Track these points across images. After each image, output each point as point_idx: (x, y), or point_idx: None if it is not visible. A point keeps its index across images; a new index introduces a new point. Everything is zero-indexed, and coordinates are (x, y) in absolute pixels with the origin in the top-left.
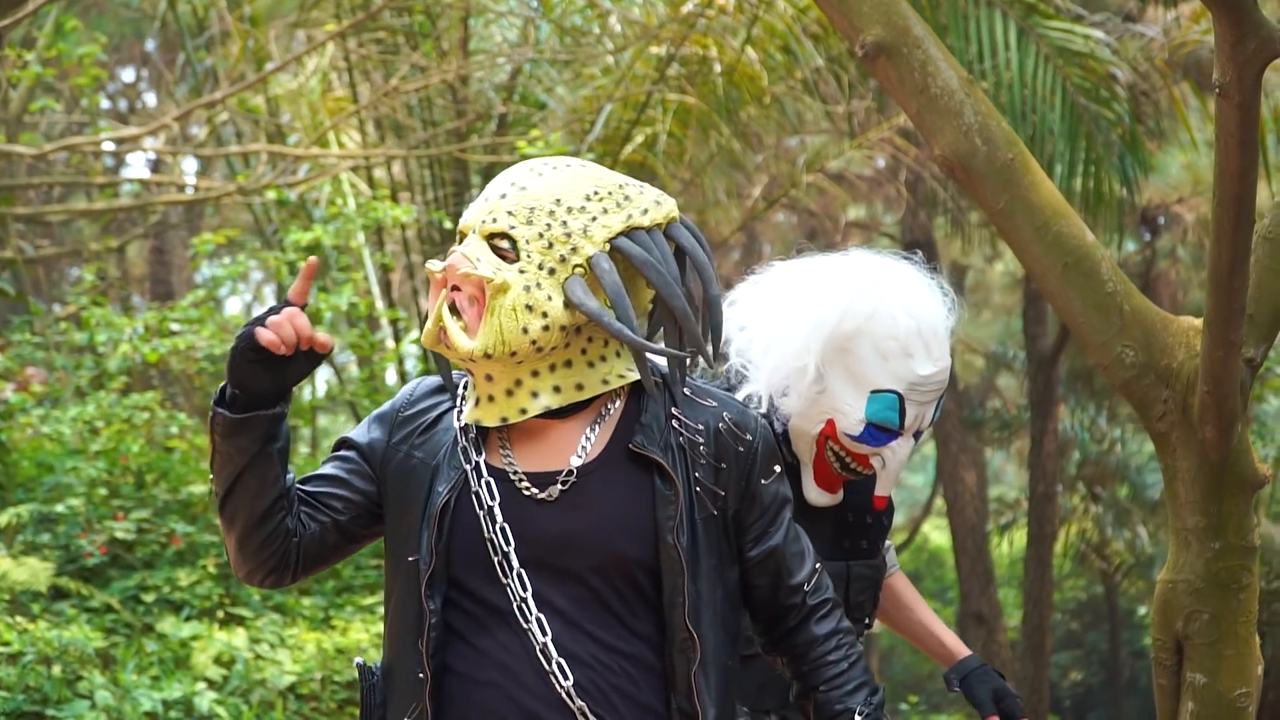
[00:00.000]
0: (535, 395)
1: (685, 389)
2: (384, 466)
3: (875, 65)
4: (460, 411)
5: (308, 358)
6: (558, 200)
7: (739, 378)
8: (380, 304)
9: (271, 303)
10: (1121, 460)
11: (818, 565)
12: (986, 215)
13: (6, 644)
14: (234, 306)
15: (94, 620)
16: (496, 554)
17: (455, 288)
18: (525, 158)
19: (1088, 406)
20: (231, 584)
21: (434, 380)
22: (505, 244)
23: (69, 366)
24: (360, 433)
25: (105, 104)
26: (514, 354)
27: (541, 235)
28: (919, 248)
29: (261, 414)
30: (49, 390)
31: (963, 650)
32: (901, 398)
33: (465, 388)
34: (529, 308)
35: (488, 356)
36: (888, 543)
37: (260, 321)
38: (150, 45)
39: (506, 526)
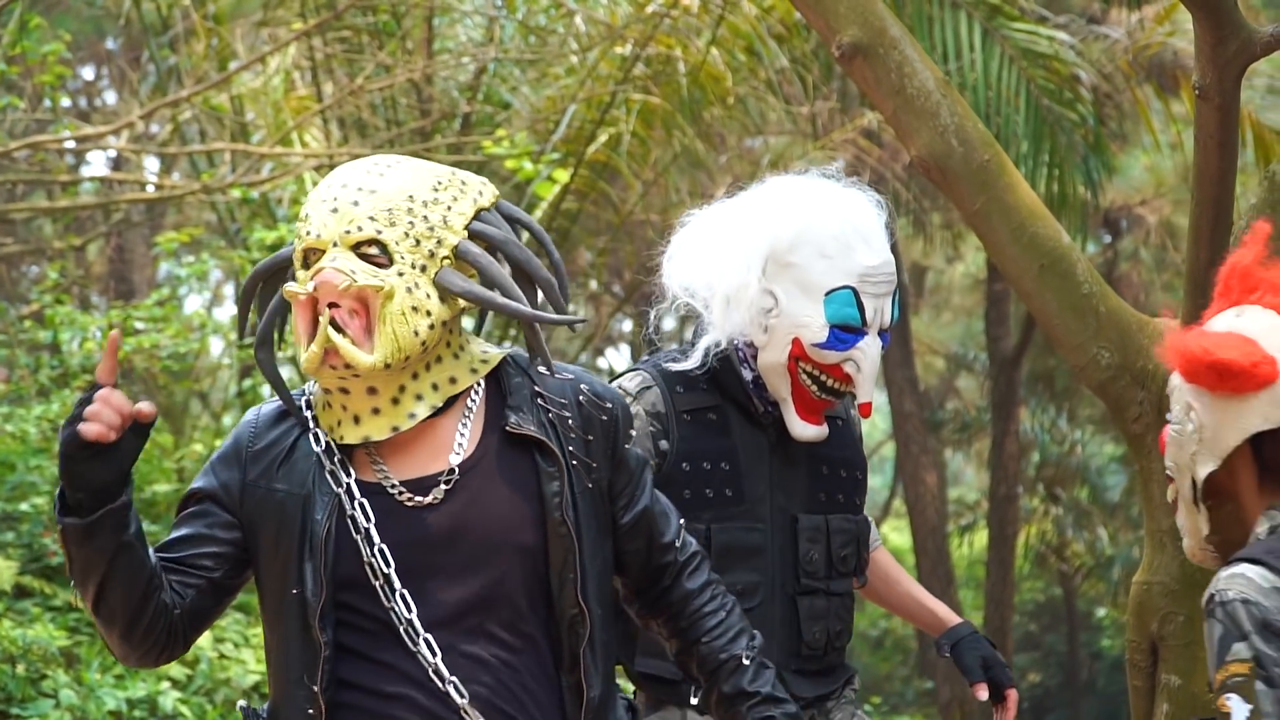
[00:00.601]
0: (419, 398)
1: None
2: (243, 507)
3: (852, 65)
4: (317, 433)
5: (134, 433)
6: (410, 197)
7: (696, 334)
8: None
9: (229, 309)
10: (1082, 462)
11: (681, 521)
12: (963, 216)
13: None
14: (194, 305)
15: (58, 619)
16: (377, 578)
17: (332, 304)
18: (492, 157)
19: (1048, 408)
20: None
21: (271, 408)
22: (374, 250)
23: (31, 365)
24: (208, 481)
25: (65, 102)
26: (407, 359)
27: (407, 234)
28: None
29: (110, 508)
30: (12, 389)
31: (954, 618)
32: (856, 291)
33: (310, 408)
34: (414, 309)
35: (387, 367)
36: (869, 518)
37: (77, 418)
38: (111, 44)
39: (385, 548)
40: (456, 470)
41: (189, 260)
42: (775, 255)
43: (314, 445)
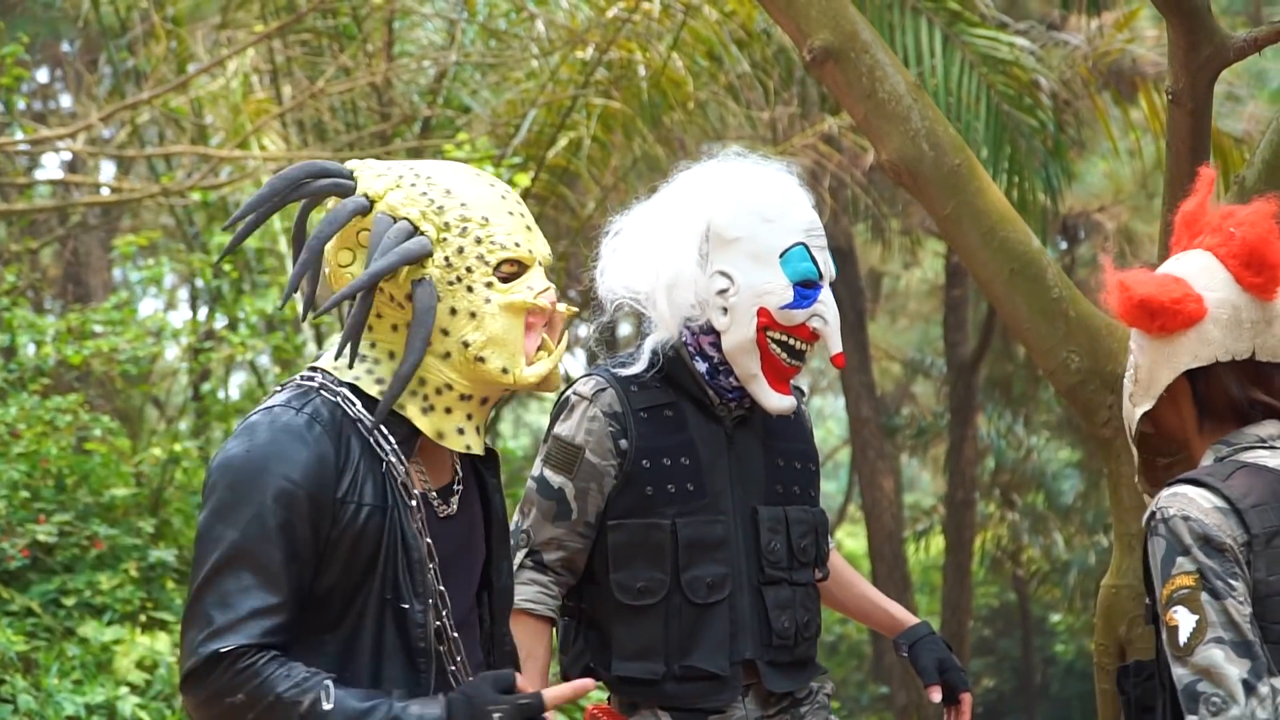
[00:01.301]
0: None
1: None
2: (332, 525)
3: (823, 70)
4: (382, 444)
5: None
6: None
7: (642, 337)
8: (301, 308)
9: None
10: (1038, 467)
11: None
12: (934, 220)
13: None
14: (147, 309)
15: (15, 624)
16: (426, 595)
17: (546, 323)
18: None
19: (1005, 414)
20: (153, 588)
21: (323, 412)
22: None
23: None
24: (288, 511)
25: (20, 105)
26: None
27: None
28: (838, 253)
29: None
30: None
31: (911, 619)
32: (807, 246)
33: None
34: None
35: None
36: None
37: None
38: (67, 46)
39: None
40: (459, 481)
41: (148, 264)
42: (715, 235)
43: (381, 453)
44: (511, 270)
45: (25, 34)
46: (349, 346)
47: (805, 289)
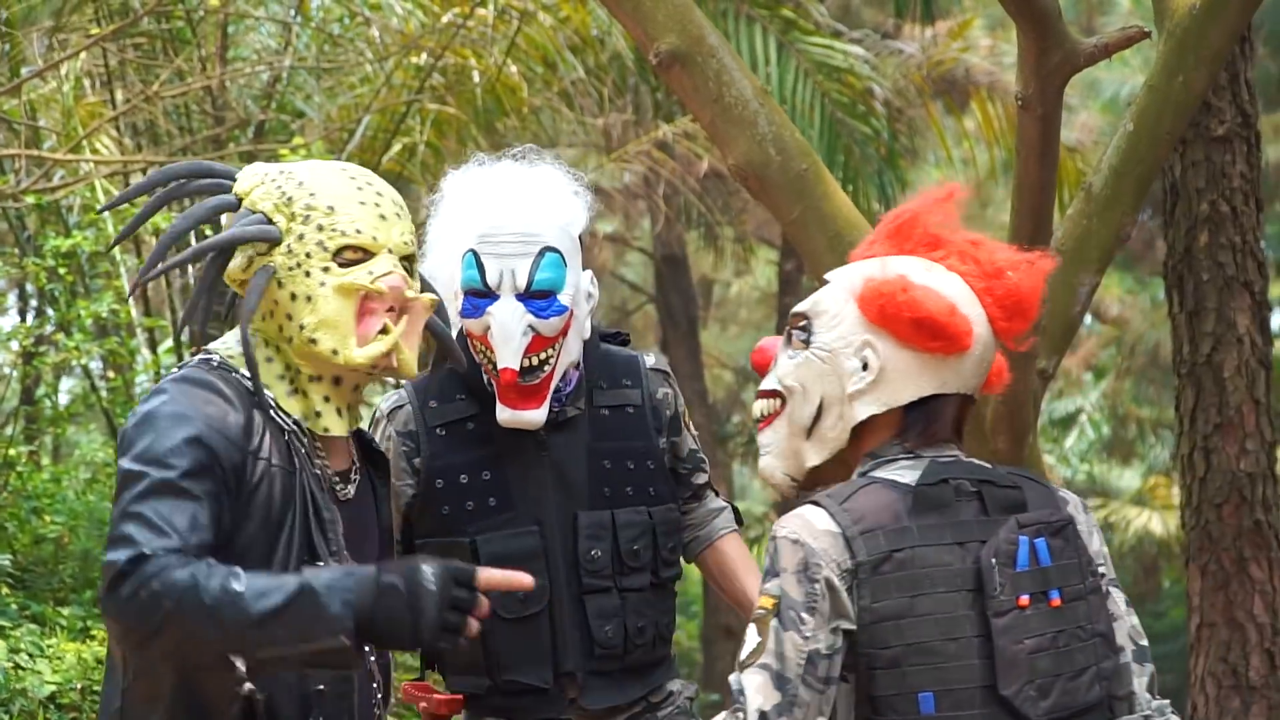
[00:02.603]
0: (356, 404)
1: None
2: (240, 477)
3: (670, 74)
4: (282, 414)
5: None
6: (412, 221)
7: None
8: (135, 312)
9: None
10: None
11: None
12: (781, 225)
13: None
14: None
15: None
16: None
17: (390, 308)
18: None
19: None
20: None
21: (209, 379)
22: (408, 266)
23: None
24: (209, 451)
25: None
26: None
27: (417, 259)
28: (671, 261)
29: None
30: None
31: None
32: (475, 253)
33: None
34: None
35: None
36: (722, 503)
37: (453, 629)
38: None
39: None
40: (356, 470)
41: None
42: (448, 237)
43: (285, 421)
44: (354, 257)
45: None
46: (194, 318)
47: (475, 298)
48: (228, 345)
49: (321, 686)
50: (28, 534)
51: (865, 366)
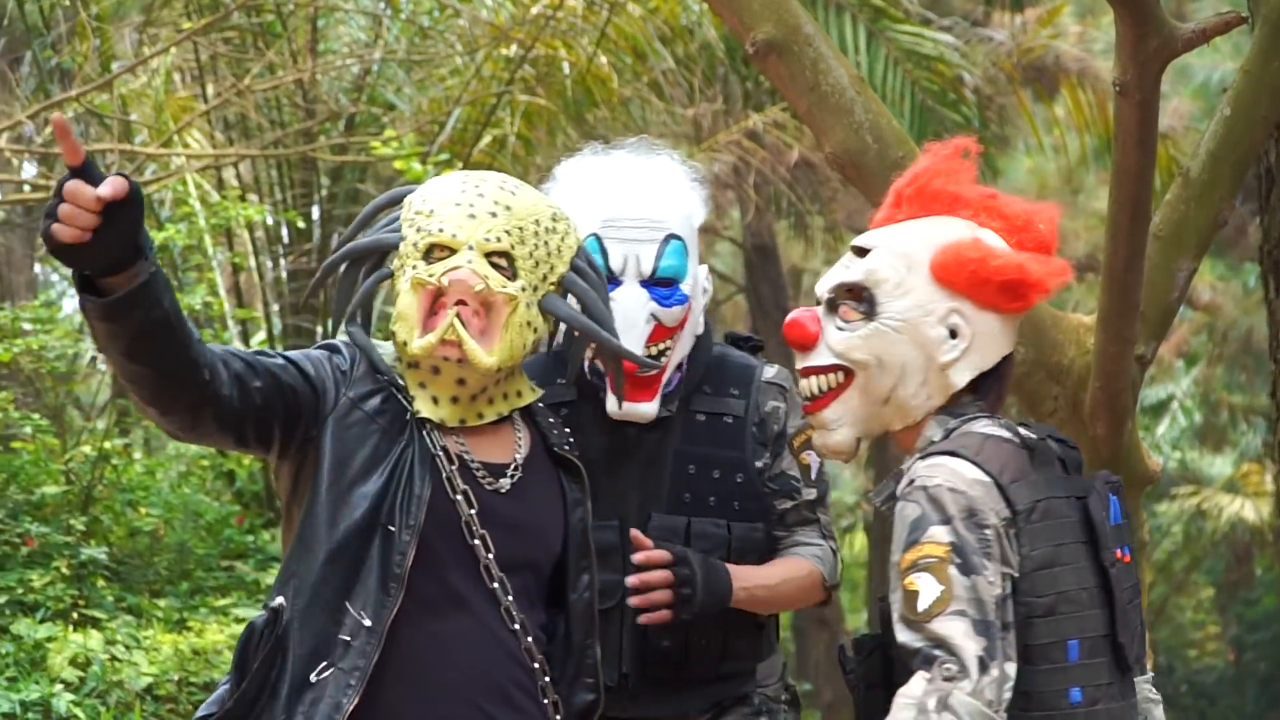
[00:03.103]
0: (491, 401)
1: None
2: (334, 412)
3: (766, 63)
4: (410, 401)
5: (122, 209)
6: (537, 221)
7: None
8: (228, 305)
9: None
10: None
11: None
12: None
13: None
14: (70, 306)
15: None
16: (474, 537)
17: (461, 302)
18: (379, 158)
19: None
20: (85, 586)
21: (334, 343)
22: (504, 261)
23: None
24: (306, 363)
25: None
26: (512, 366)
27: (531, 255)
28: (761, 250)
29: (128, 291)
30: None
31: None
32: (599, 237)
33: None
34: (528, 323)
35: (499, 369)
36: (825, 547)
37: (51, 217)
38: None
39: (475, 516)
40: (520, 466)
41: None
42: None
43: (406, 405)
44: (440, 255)
45: None
46: (341, 316)
47: None
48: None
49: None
50: (123, 527)
51: (954, 334)
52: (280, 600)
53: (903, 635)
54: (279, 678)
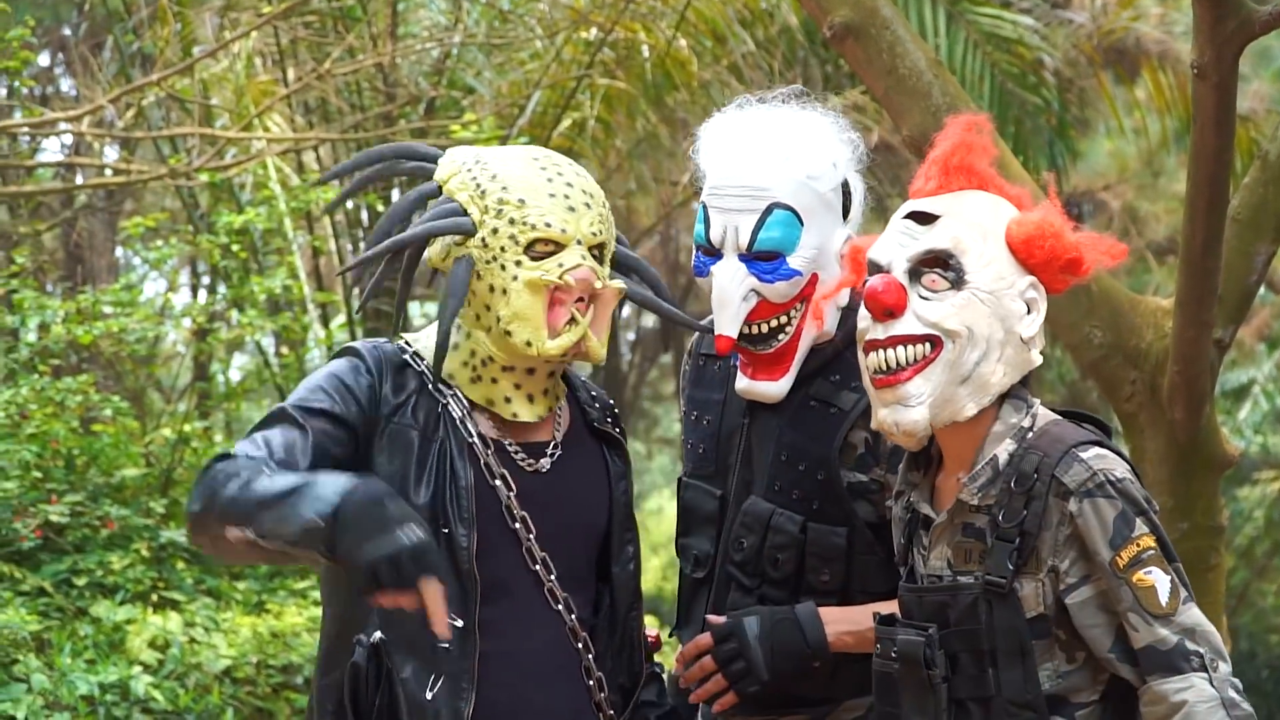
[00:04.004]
0: (552, 388)
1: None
2: (371, 438)
3: (843, 46)
4: (439, 387)
5: None
6: (605, 205)
7: None
8: (308, 288)
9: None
10: None
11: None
12: None
13: None
14: (150, 291)
15: (27, 604)
16: (515, 520)
17: (579, 299)
18: (458, 142)
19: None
20: (164, 568)
21: (391, 352)
22: (599, 252)
23: None
24: (330, 404)
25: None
26: None
27: (610, 242)
28: None
29: None
30: None
31: None
32: (705, 206)
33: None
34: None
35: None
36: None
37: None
38: (67, 30)
39: (514, 499)
40: (559, 445)
41: (155, 245)
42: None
43: (439, 396)
44: (545, 250)
45: (29, 17)
46: (396, 311)
47: (703, 255)
48: (415, 335)
49: (446, 645)
50: None
51: (1029, 309)
52: (377, 635)
53: (1152, 635)
54: (394, 706)
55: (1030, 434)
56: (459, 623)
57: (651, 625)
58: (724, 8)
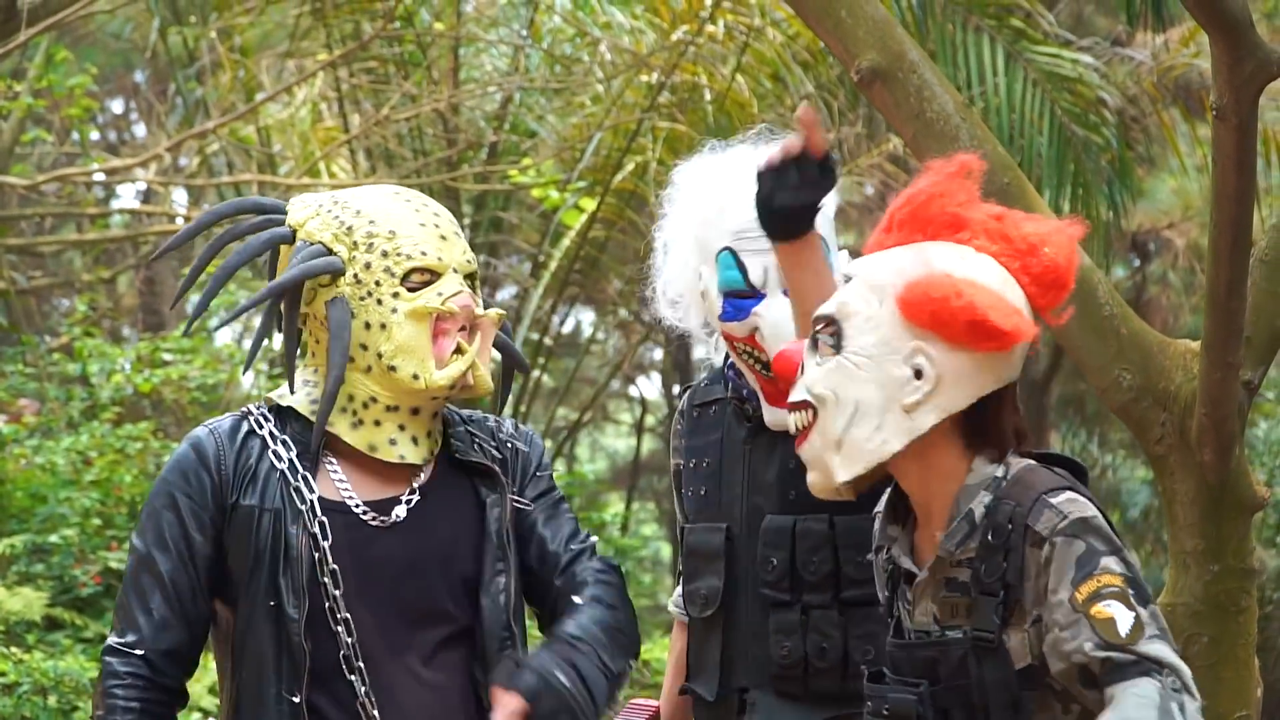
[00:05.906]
0: (435, 430)
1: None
2: (221, 528)
3: (871, 90)
4: (278, 451)
5: None
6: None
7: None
8: None
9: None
10: (1113, 485)
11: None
12: None
13: (3, 674)
14: (224, 337)
15: (88, 650)
16: (327, 599)
17: (462, 327)
18: (519, 186)
19: (1079, 432)
20: None
21: (226, 425)
22: (471, 284)
23: (61, 397)
24: (178, 510)
25: (94, 136)
26: None
27: (477, 276)
28: None
29: None
30: (42, 421)
31: None
32: (733, 251)
33: (263, 424)
34: None
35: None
36: None
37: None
38: (139, 76)
39: (337, 569)
40: (418, 492)
41: (230, 288)
42: (692, 234)
43: (277, 462)
44: (422, 279)
45: (96, 64)
46: (287, 365)
47: (737, 299)
48: (282, 392)
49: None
50: None
51: (919, 375)
52: None
53: (1113, 655)
54: None
55: (1004, 483)
56: (296, 699)
57: (649, 699)
58: (783, 50)
